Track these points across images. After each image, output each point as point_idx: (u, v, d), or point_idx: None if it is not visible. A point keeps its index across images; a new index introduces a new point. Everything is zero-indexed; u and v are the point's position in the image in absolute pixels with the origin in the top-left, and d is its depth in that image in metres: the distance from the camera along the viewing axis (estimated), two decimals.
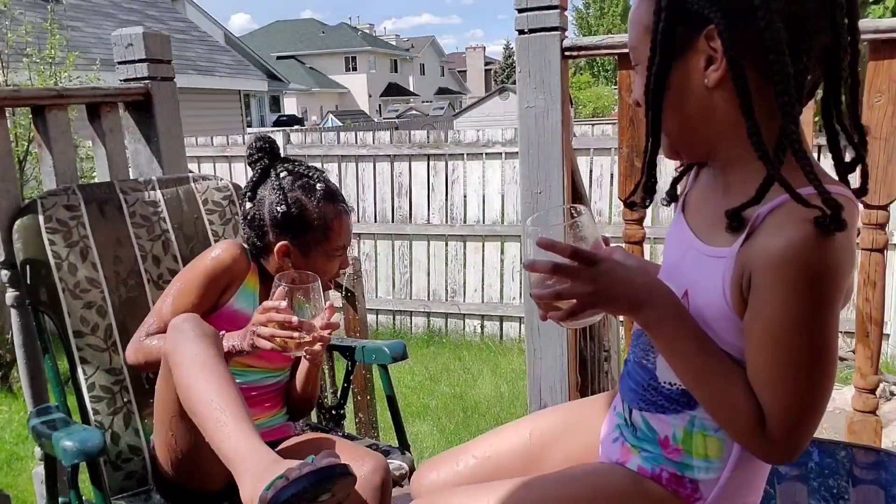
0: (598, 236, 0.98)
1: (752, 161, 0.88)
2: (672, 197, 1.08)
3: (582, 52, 1.85)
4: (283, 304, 1.37)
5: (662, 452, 1.01)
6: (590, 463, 1.13)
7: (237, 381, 1.56)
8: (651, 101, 0.92)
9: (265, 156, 1.58)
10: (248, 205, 1.57)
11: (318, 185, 1.55)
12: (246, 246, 1.58)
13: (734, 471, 0.98)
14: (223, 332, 1.45)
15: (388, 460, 1.67)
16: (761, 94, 0.86)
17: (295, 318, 1.36)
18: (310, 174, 1.57)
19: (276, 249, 1.54)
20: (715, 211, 0.94)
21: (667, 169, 1.24)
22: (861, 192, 0.91)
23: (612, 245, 1.03)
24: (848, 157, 0.92)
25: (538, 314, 0.98)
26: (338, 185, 6.09)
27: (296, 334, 1.37)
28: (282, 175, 1.55)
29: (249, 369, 1.60)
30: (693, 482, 0.99)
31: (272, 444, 1.35)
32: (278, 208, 1.51)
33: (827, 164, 0.96)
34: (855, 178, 0.93)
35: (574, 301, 0.92)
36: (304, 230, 1.53)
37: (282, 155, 1.62)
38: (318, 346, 1.45)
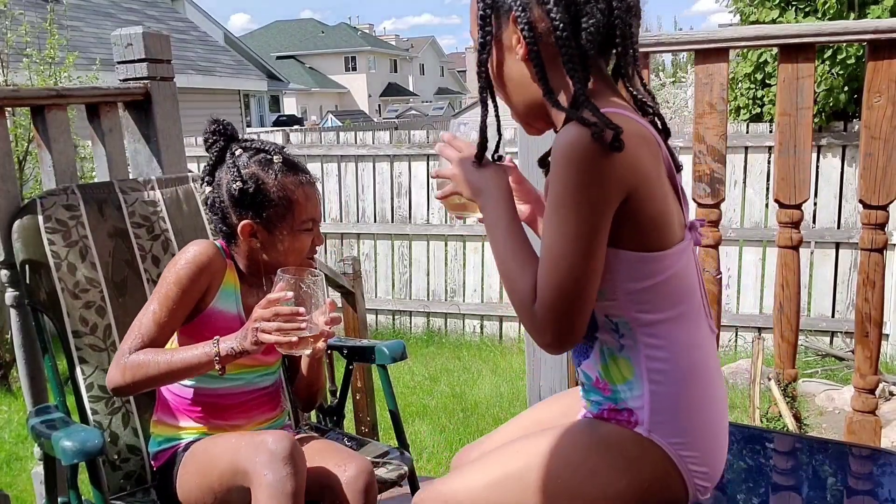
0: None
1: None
2: (542, 164, 1.22)
3: None
4: (290, 294, 1.35)
5: (600, 394, 1.13)
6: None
7: (235, 385, 1.56)
8: (481, 74, 1.09)
9: (220, 138, 1.54)
10: (208, 189, 1.53)
11: (276, 158, 1.51)
12: (217, 244, 1.55)
13: (653, 389, 1.07)
14: (217, 336, 1.41)
15: (387, 461, 1.67)
16: (559, 62, 1.03)
17: (302, 310, 1.34)
18: (266, 149, 1.52)
19: (240, 230, 1.50)
20: None
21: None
22: (665, 133, 1.09)
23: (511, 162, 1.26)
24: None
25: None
26: (338, 186, 5.98)
27: (304, 326, 1.34)
28: (237, 153, 1.51)
29: (245, 370, 1.56)
30: (627, 410, 1.09)
31: None
32: (234, 185, 1.47)
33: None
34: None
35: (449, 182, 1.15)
36: (265, 205, 1.49)
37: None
38: (321, 343, 1.42)
